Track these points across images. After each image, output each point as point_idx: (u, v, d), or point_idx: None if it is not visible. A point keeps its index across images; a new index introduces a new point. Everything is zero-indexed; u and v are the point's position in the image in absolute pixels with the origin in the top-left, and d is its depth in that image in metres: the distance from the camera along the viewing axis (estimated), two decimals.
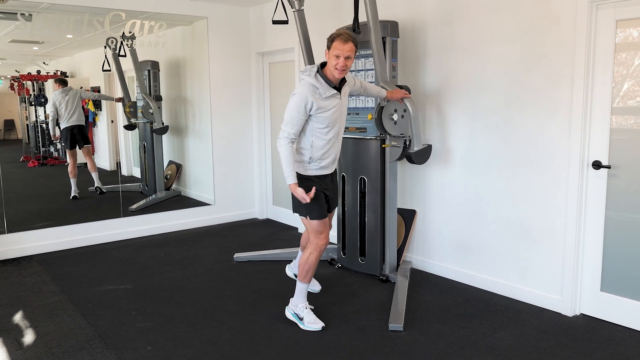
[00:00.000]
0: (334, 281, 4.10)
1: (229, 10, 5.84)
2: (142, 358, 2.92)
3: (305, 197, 3.03)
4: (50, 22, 5.04)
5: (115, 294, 3.90)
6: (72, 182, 5.52)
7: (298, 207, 3.23)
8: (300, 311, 3.29)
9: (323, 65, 3.07)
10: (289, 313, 3.37)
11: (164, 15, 5.41)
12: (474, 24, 3.77)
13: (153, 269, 4.46)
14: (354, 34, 3.05)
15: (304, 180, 3.16)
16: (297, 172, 3.14)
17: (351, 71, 3.95)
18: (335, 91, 3.04)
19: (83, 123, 5.62)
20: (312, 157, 3.14)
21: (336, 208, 3.54)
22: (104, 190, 5.61)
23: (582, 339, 3.09)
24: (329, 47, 2.98)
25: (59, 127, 5.52)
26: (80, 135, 5.58)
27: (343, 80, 3.12)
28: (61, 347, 3.05)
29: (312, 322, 3.24)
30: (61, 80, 5.42)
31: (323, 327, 3.23)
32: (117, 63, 5.44)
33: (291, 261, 3.96)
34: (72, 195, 5.51)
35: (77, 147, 5.59)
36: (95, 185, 5.61)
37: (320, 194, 3.18)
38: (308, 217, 3.20)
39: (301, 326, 3.25)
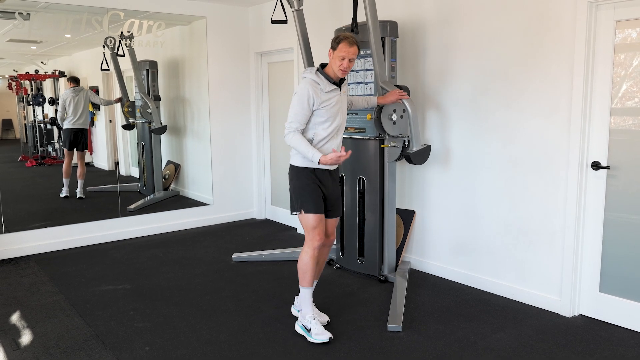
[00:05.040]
0: (333, 281, 4.09)
1: (227, 10, 5.83)
2: (140, 358, 2.91)
3: (340, 155, 3.02)
4: (48, 21, 5.03)
5: (114, 294, 3.89)
6: (65, 182, 5.51)
7: (294, 203, 3.22)
8: (307, 322, 3.15)
9: (323, 66, 3.19)
10: (298, 327, 3.22)
11: (162, 14, 5.40)
12: (473, 24, 3.77)
13: (151, 269, 4.45)
14: (354, 34, 3.18)
15: (301, 171, 3.16)
16: (294, 165, 3.19)
17: (351, 71, 3.95)
18: (335, 86, 3.15)
19: (87, 127, 5.63)
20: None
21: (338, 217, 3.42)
22: (83, 197, 5.57)
23: (581, 339, 3.09)
24: (334, 48, 3.09)
25: (61, 128, 5.51)
26: (81, 139, 5.58)
27: (342, 80, 3.23)
28: (59, 347, 3.04)
29: (319, 334, 3.08)
30: (74, 78, 5.44)
31: (331, 338, 3.07)
32: (115, 63, 5.43)
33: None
34: (63, 195, 5.49)
35: (75, 150, 5.57)
36: (78, 195, 5.56)
37: (317, 188, 3.16)
38: (302, 210, 3.15)
39: (309, 339, 3.10)
